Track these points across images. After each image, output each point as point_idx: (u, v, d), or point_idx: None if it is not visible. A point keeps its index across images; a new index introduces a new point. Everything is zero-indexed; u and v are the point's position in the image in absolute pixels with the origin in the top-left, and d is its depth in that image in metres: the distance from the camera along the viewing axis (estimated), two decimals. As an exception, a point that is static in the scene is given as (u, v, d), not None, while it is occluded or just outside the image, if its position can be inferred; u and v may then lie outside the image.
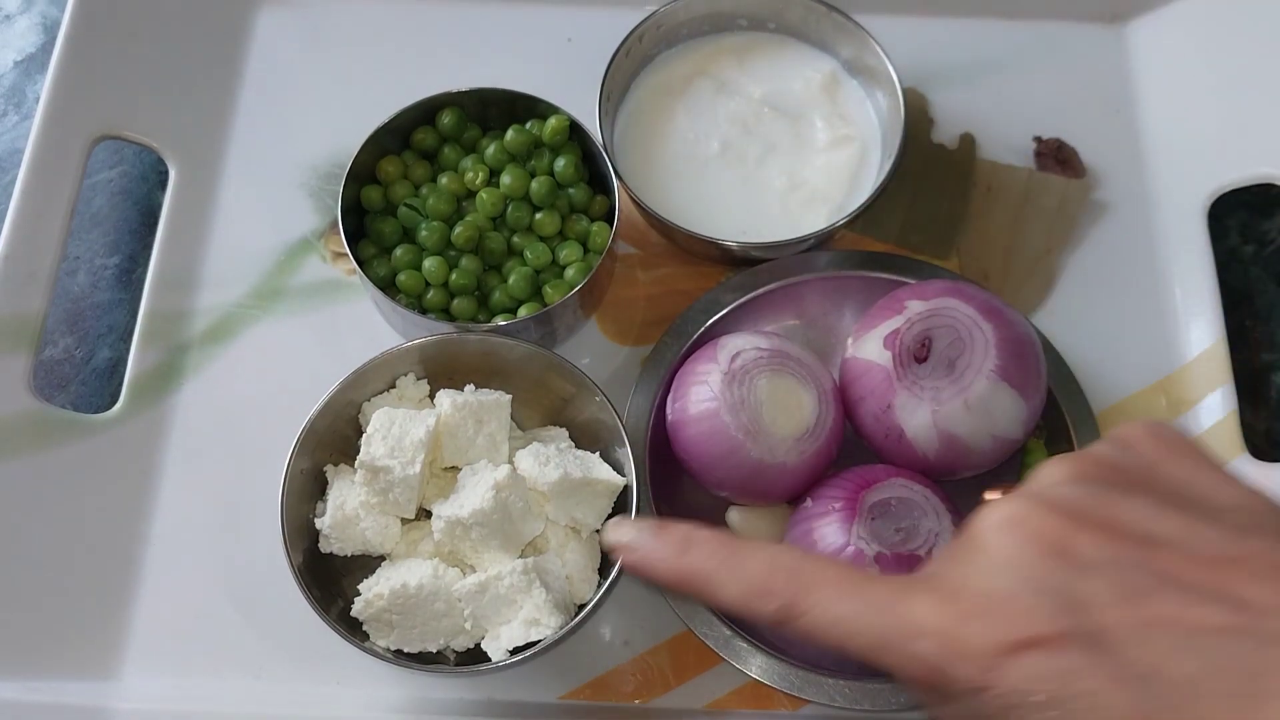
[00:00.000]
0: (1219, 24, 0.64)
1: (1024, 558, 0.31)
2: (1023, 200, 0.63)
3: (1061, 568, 0.31)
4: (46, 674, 0.52)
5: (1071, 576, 0.31)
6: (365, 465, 0.49)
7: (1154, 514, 0.32)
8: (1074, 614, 0.30)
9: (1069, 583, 0.31)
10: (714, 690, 0.52)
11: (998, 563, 0.32)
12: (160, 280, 0.60)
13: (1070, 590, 0.30)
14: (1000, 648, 0.31)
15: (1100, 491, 0.33)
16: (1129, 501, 0.32)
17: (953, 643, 0.31)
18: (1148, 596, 0.30)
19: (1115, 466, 0.34)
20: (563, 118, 0.57)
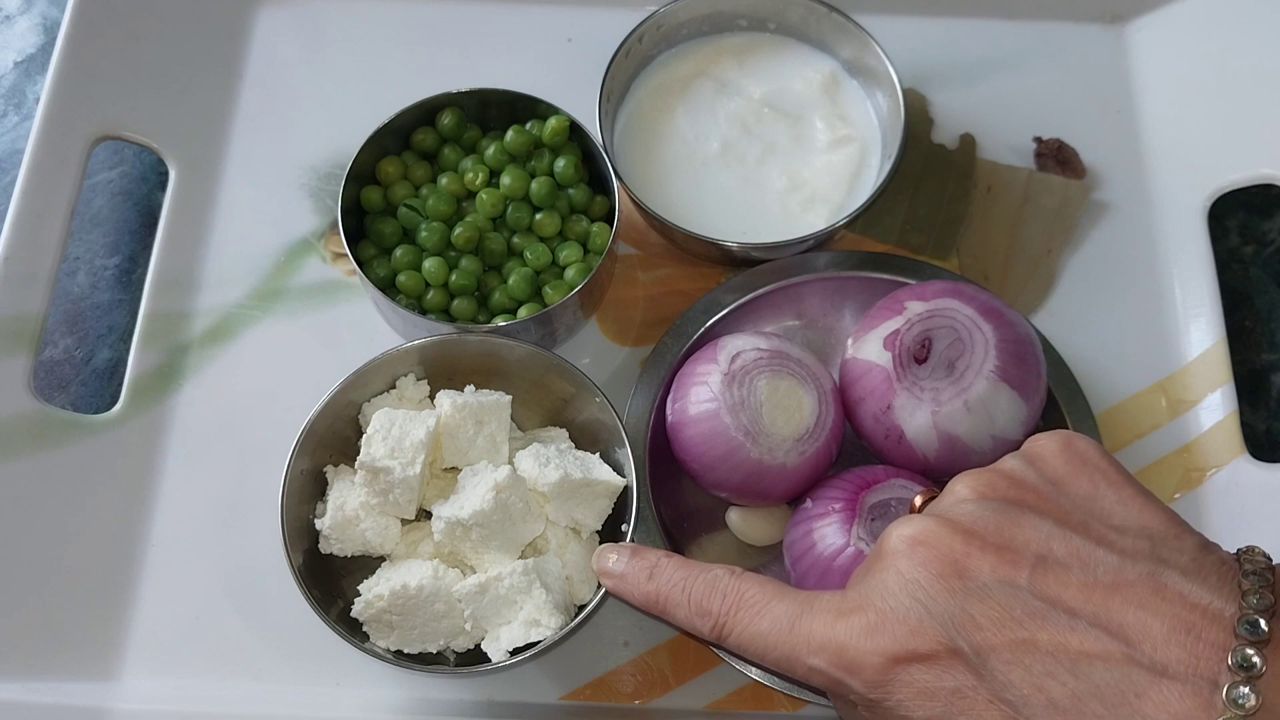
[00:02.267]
0: (1219, 24, 0.64)
1: (922, 578, 0.33)
2: (1023, 201, 0.63)
3: (955, 589, 0.33)
4: (46, 675, 0.52)
5: (963, 599, 0.32)
6: (365, 466, 0.49)
7: (1050, 535, 0.33)
8: (960, 634, 0.32)
9: (960, 604, 0.32)
10: (714, 691, 0.52)
11: (898, 581, 0.34)
12: (160, 281, 0.60)
13: (960, 611, 0.32)
14: (889, 660, 0.33)
15: (1000, 511, 0.34)
16: (1027, 521, 0.33)
17: (846, 655, 0.34)
18: (1033, 620, 0.31)
19: (1021, 484, 0.35)
20: (563, 118, 0.57)
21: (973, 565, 0.33)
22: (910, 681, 0.33)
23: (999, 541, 0.33)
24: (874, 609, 0.34)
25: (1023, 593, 0.32)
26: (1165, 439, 0.57)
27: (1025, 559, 0.32)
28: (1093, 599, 0.31)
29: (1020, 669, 0.31)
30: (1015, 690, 0.31)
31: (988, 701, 0.32)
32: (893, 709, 0.34)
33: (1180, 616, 0.30)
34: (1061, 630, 0.31)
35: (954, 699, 0.32)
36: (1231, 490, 0.55)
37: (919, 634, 0.33)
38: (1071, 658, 0.30)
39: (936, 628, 0.32)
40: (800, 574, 0.49)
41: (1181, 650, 0.30)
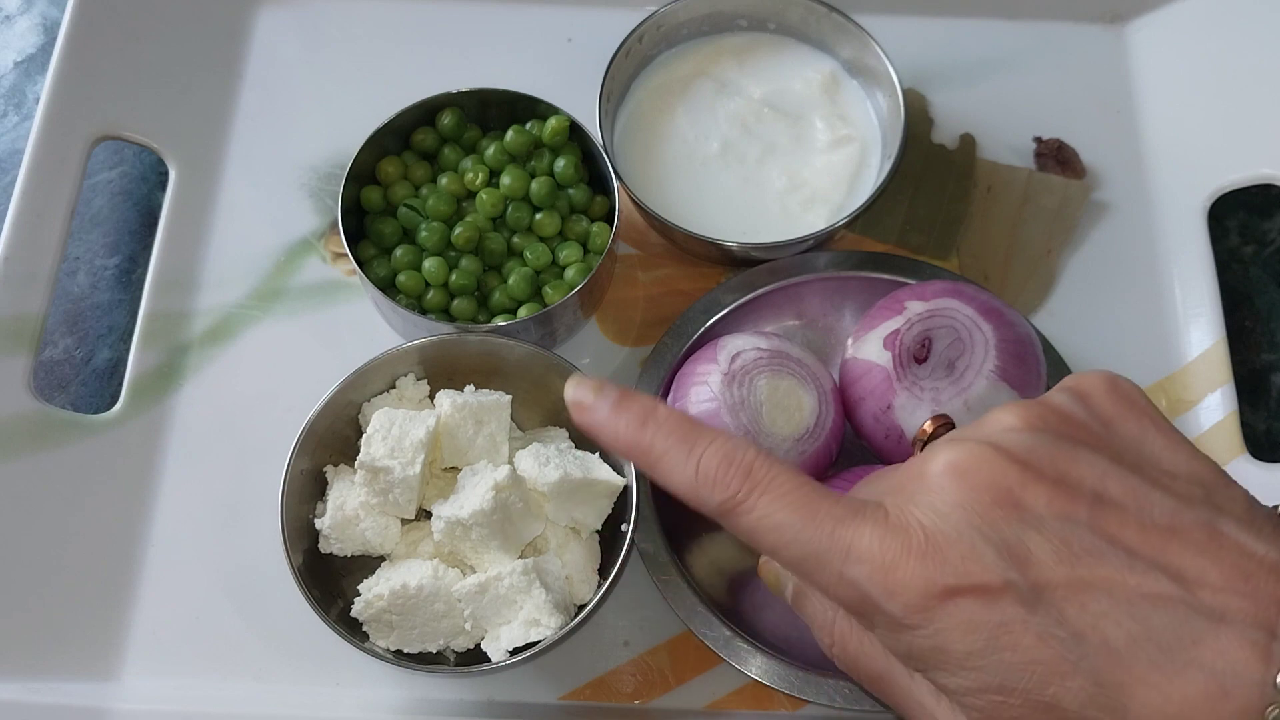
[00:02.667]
0: (1219, 24, 0.64)
1: (974, 504, 0.31)
2: (1023, 201, 0.63)
3: (1010, 519, 0.31)
4: (46, 675, 0.52)
5: (1018, 529, 0.30)
6: (365, 466, 0.49)
7: (1105, 472, 0.32)
8: (1016, 567, 0.30)
9: (1015, 535, 0.30)
10: (714, 691, 0.52)
11: (947, 506, 0.31)
12: (160, 281, 0.60)
13: (1016, 542, 0.30)
14: (937, 590, 0.30)
15: (1054, 443, 0.32)
16: (1083, 457, 0.32)
17: (890, 576, 0.31)
18: (1091, 558, 0.30)
19: (1070, 419, 0.33)
20: (563, 118, 0.57)
21: (1029, 496, 0.31)
22: (955, 613, 0.30)
23: (1055, 474, 0.31)
24: (924, 530, 0.31)
25: (1081, 528, 0.30)
26: (1165, 439, 0.57)
27: (1083, 494, 0.31)
28: (1151, 540, 0.30)
29: (1076, 606, 0.30)
30: (1069, 628, 0.30)
31: (1037, 638, 0.30)
32: (928, 638, 0.31)
33: (1238, 564, 0.30)
34: (1121, 570, 0.30)
35: (999, 633, 0.30)
36: (1231, 490, 0.55)
37: (974, 563, 0.30)
38: (1130, 599, 0.29)
39: (993, 558, 0.30)
40: (800, 574, 0.49)
41: (1240, 598, 0.29)
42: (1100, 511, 0.31)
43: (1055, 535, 0.30)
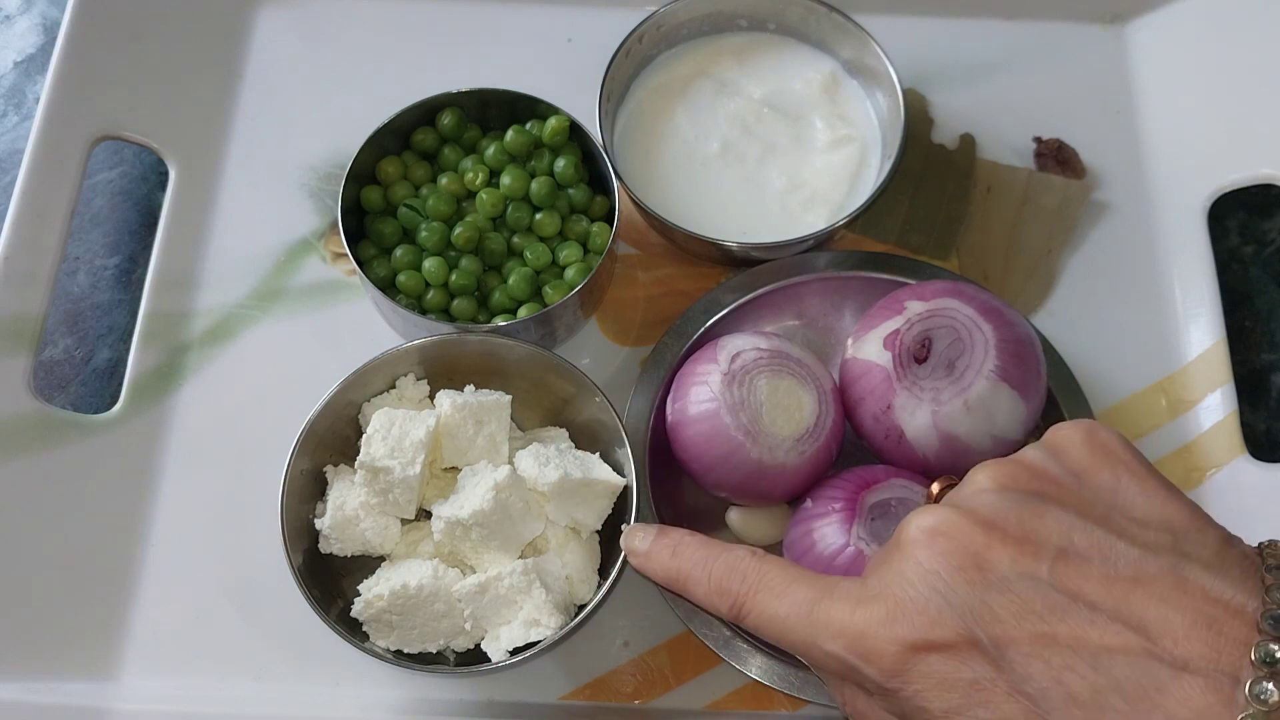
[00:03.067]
0: (1219, 24, 0.64)
1: (941, 569, 0.33)
2: (1023, 201, 0.63)
3: (974, 581, 0.32)
4: (46, 675, 0.52)
5: (982, 590, 0.32)
6: (365, 466, 0.49)
7: (1071, 527, 0.33)
8: (980, 625, 0.32)
9: (979, 596, 0.32)
10: (714, 691, 0.52)
11: (916, 573, 0.34)
12: (160, 281, 0.60)
13: (979, 603, 0.32)
14: (907, 649, 0.33)
15: (1022, 502, 0.34)
16: (1049, 513, 0.33)
17: (864, 643, 0.34)
18: (1053, 614, 0.31)
19: (1043, 475, 0.35)
20: (563, 118, 0.57)
21: (993, 557, 0.32)
22: (928, 672, 0.33)
23: (1020, 534, 0.33)
24: (893, 597, 0.34)
25: (1043, 585, 0.31)
26: (1165, 439, 0.57)
27: (1046, 551, 0.32)
28: (1114, 592, 0.31)
29: (1040, 662, 0.31)
30: (1034, 683, 0.31)
31: (1006, 694, 0.31)
32: (909, 699, 0.33)
33: (1202, 611, 0.30)
34: (1082, 624, 0.31)
35: (972, 690, 0.32)
36: (1231, 490, 0.55)
37: (938, 624, 0.32)
38: (1092, 651, 0.30)
39: (955, 618, 0.32)
40: (800, 574, 0.49)
41: (1203, 645, 0.29)
42: (1063, 567, 0.32)
43: (1017, 594, 0.32)
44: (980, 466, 0.36)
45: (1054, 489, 0.34)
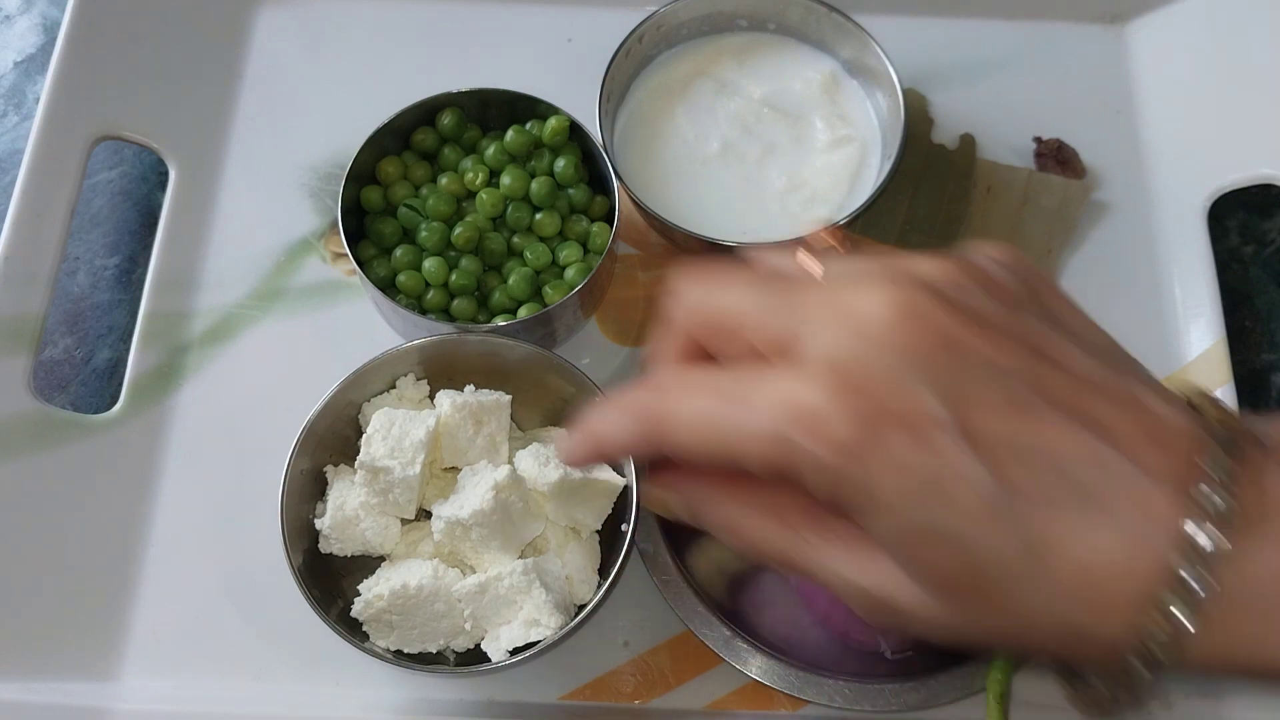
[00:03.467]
0: (1219, 24, 0.64)
1: (916, 347, 0.30)
2: (1023, 201, 0.63)
3: (952, 365, 0.30)
4: (46, 674, 0.52)
5: (959, 375, 0.30)
6: (365, 466, 0.49)
7: (1038, 330, 0.32)
8: (953, 410, 0.30)
9: (959, 380, 0.30)
10: (714, 691, 0.52)
11: (888, 348, 0.30)
12: (160, 281, 0.60)
13: (954, 387, 0.30)
14: (868, 421, 0.30)
15: (991, 299, 0.32)
16: (1020, 315, 0.32)
17: (815, 416, 0.30)
18: (1026, 411, 0.30)
19: (999, 282, 0.33)
20: (563, 118, 0.57)
21: (971, 345, 0.31)
22: (887, 452, 0.30)
23: (998, 325, 0.31)
24: (856, 370, 0.30)
25: (1016, 382, 0.30)
26: (1165, 439, 0.57)
27: (1021, 349, 0.31)
28: (1081, 397, 0.31)
29: (1009, 457, 0.30)
30: (1000, 477, 0.30)
31: (968, 484, 0.30)
32: (858, 481, 0.30)
33: (1156, 424, 0.31)
34: (1053, 424, 0.30)
35: (929, 475, 0.30)
36: (1231, 490, 0.55)
37: (909, 399, 0.30)
38: (1060, 452, 0.30)
39: (930, 396, 0.30)
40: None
41: (1159, 453, 0.30)
42: (1037, 366, 0.31)
43: (993, 385, 0.30)
44: (923, 257, 0.34)
45: (1014, 296, 0.33)
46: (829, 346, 0.31)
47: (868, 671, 0.49)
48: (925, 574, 0.31)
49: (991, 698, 0.47)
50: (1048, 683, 0.51)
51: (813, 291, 0.33)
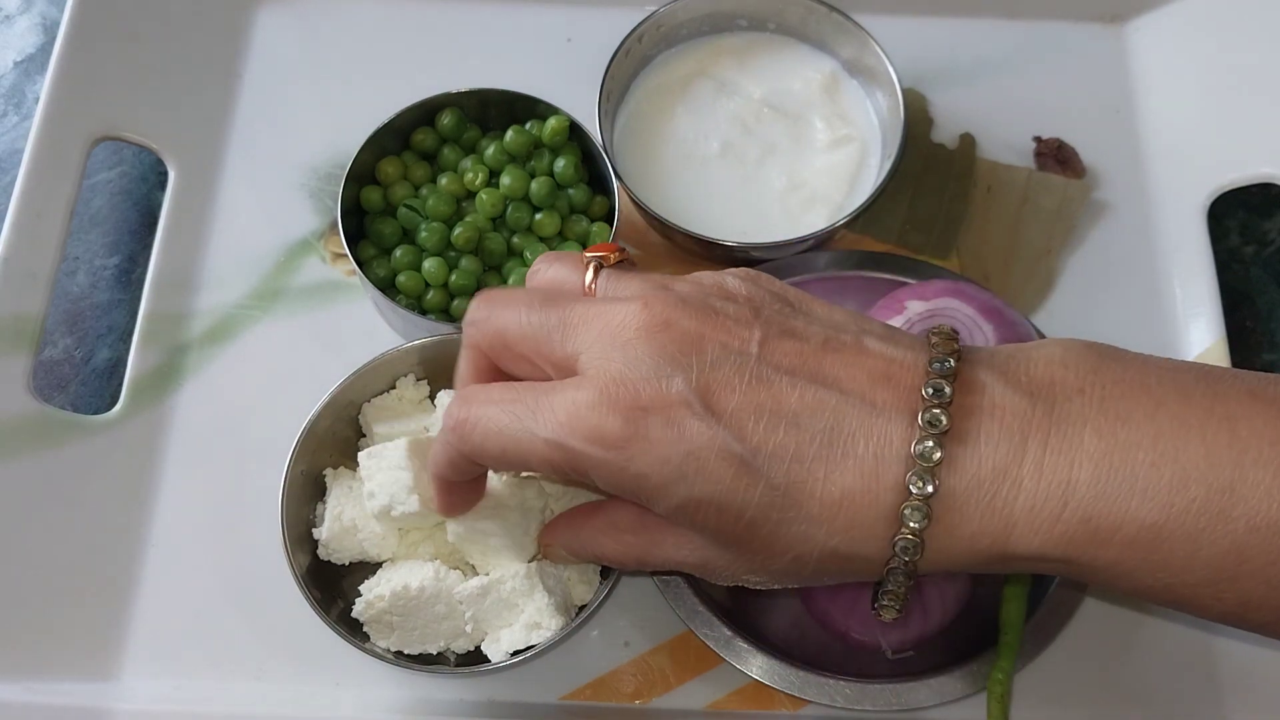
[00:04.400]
0: (1219, 24, 0.64)
1: (666, 347, 0.36)
2: (1023, 200, 0.63)
3: (699, 356, 0.36)
4: (46, 675, 0.52)
5: (705, 363, 0.36)
6: (380, 518, 0.48)
7: (769, 317, 0.38)
8: (701, 392, 0.36)
9: (703, 368, 0.36)
10: (714, 691, 0.52)
11: (644, 352, 0.36)
12: (160, 281, 0.60)
13: (704, 374, 0.36)
14: (630, 413, 0.35)
15: (730, 302, 0.38)
16: (756, 307, 0.38)
17: (589, 421, 0.36)
18: (761, 383, 0.36)
19: (735, 290, 0.39)
20: (562, 118, 0.57)
21: (711, 338, 0.36)
22: (649, 441, 0.35)
23: (735, 320, 0.37)
24: (617, 376, 0.36)
25: (754, 361, 0.36)
26: (1165, 439, 0.57)
27: (756, 335, 0.37)
28: (808, 362, 0.36)
29: (751, 423, 0.35)
30: (746, 443, 0.35)
31: (719, 456, 0.35)
32: (630, 467, 0.36)
33: (883, 367, 0.36)
34: (786, 389, 0.36)
35: (688, 456, 0.35)
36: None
37: (660, 388, 0.36)
38: (795, 410, 0.35)
39: (679, 385, 0.35)
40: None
41: (886, 392, 0.36)
42: (767, 345, 0.37)
43: (733, 367, 0.36)
44: (678, 278, 0.40)
45: (747, 296, 0.39)
46: (597, 359, 0.37)
47: (868, 671, 0.49)
48: (710, 535, 0.37)
49: (992, 698, 0.47)
50: (1049, 682, 0.51)
51: (581, 308, 0.38)
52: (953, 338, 0.38)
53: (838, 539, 0.36)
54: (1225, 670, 0.52)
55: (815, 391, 0.36)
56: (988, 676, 0.48)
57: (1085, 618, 0.51)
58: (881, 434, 0.35)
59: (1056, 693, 0.52)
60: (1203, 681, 0.52)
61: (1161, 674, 0.52)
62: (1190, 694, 0.52)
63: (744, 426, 0.35)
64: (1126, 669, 0.52)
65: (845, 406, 0.35)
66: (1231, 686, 0.52)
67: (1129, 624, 0.53)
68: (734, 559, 0.38)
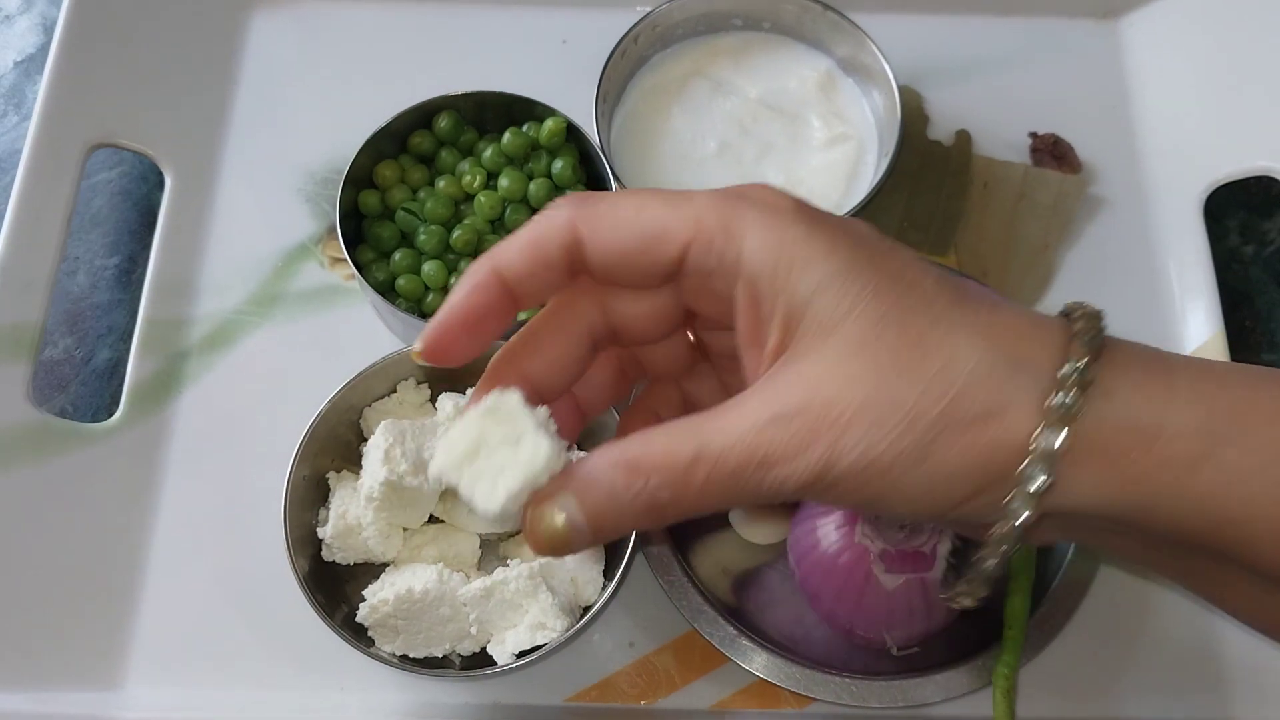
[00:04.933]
0: (1212, 17, 0.64)
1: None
2: (1019, 196, 0.63)
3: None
4: (50, 685, 0.51)
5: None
6: (390, 484, 0.48)
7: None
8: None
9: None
10: (720, 690, 0.52)
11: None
12: (158, 287, 0.59)
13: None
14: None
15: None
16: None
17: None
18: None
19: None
20: (559, 120, 0.57)
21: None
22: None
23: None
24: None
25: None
26: (1165, 432, 0.57)
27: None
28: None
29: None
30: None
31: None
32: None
33: (1027, 325, 0.33)
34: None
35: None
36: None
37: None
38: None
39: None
40: (804, 572, 0.49)
41: (1032, 348, 0.33)
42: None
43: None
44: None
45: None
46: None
47: (873, 668, 0.49)
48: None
49: (998, 692, 0.47)
50: (1054, 676, 0.51)
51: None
52: (1084, 306, 0.36)
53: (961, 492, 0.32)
54: (1231, 662, 0.52)
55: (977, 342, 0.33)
56: (993, 671, 0.48)
57: (1090, 611, 0.51)
58: (1019, 390, 0.32)
59: (1062, 686, 0.52)
60: (1209, 674, 0.52)
61: (1167, 666, 0.52)
62: (1196, 686, 0.52)
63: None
64: (1132, 662, 0.52)
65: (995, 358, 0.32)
66: (1237, 678, 0.52)
67: (1134, 617, 0.53)
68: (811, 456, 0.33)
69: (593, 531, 0.33)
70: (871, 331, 0.32)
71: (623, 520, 0.33)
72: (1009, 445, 0.31)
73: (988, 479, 0.32)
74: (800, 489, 0.32)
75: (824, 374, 0.32)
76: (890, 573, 0.47)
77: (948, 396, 0.31)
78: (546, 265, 0.34)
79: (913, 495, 0.32)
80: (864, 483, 0.32)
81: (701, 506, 0.32)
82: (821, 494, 0.32)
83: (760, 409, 0.32)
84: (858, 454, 0.31)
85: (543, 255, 0.34)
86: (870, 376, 0.31)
